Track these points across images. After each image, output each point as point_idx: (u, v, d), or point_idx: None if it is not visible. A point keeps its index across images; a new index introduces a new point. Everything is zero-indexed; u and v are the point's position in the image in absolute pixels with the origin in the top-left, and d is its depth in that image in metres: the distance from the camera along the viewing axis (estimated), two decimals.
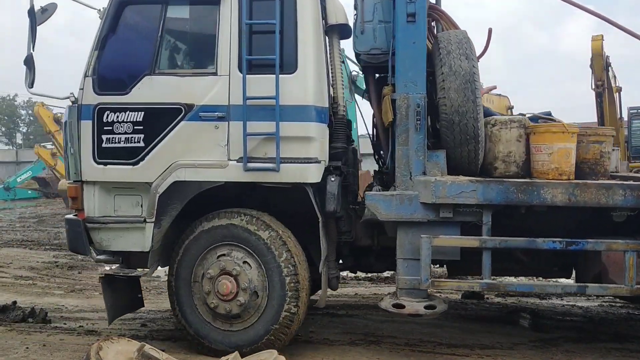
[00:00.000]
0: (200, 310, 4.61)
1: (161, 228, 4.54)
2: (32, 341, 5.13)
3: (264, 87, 4.39)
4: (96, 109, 4.59)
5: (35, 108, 25.82)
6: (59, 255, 10.82)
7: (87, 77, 4.66)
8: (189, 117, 4.50)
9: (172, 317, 6.00)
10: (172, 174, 4.48)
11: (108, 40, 4.67)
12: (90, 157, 4.61)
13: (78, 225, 4.66)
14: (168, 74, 4.63)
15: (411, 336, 5.23)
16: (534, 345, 5.06)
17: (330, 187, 4.54)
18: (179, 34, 4.87)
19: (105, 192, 4.68)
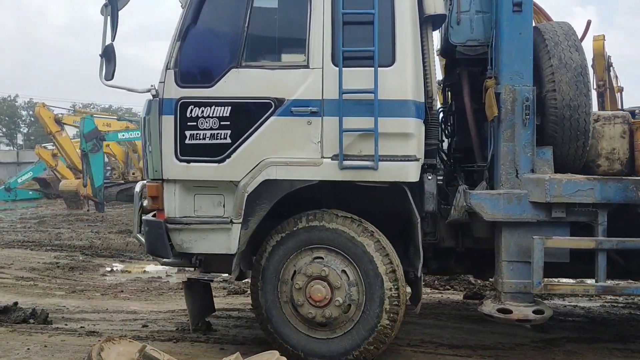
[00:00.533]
0: (286, 313, 4.43)
1: (248, 229, 4.32)
2: (34, 342, 5.12)
3: (359, 81, 4.18)
4: (179, 103, 4.34)
5: (36, 109, 25.83)
6: (60, 256, 10.81)
7: (168, 70, 4.40)
8: (279, 112, 4.26)
9: (174, 318, 6.05)
10: (263, 172, 4.24)
11: (191, 31, 4.41)
12: (172, 154, 4.36)
13: (160, 227, 4.41)
14: (256, 67, 4.38)
15: (413, 336, 5.22)
16: (535, 345, 5.06)
17: (428, 186, 4.37)
18: (266, 25, 4.53)
19: (186, 191, 4.44)
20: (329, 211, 4.38)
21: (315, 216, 4.36)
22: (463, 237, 4.76)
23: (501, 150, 4.36)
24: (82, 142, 22.00)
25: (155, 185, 4.48)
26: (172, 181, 4.42)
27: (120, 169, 30.84)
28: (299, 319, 4.40)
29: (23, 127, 64.51)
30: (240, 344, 5.04)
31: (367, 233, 4.29)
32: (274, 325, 4.45)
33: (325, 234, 4.32)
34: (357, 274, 4.28)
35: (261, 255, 4.45)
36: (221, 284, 7.99)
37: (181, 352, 4.75)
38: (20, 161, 47.45)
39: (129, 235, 13.78)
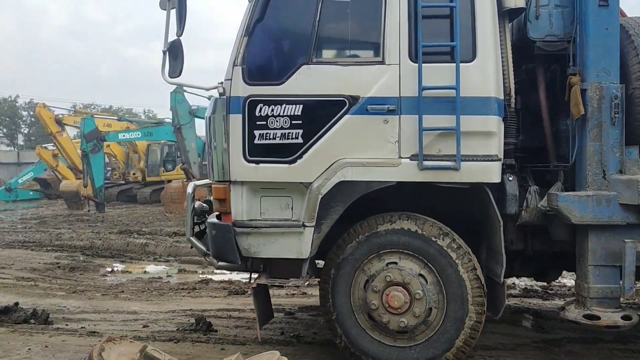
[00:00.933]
0: (359, 320, 4.27)
1: (320, 233, 4.17)
2: (34, 342, 5.13)
3: (437, 78, 4.02)
4: (247, 102, 4.15)
5: (37, 109, 25.86)
6: (60, 257, 10.81)
7: (235, 66, 4.20)
8: (354, 111, 4.08)
9: (174, 318, 6.05)
10: (338, 174, 4.07)
11: (259, 26, 4.21)
12: (241, 155, 4.17)
13: (228, 230, 4.22)
14: (328, 63, 4.21)
15: None
16: (536, 346, 5.05)
17: (510, 188, 4.18)
18: (338, 19, 4.32)
19: (252, 193, 4.24)
20: (404, 214, 4.22)
21: (389, 219, 4.21)
22: (532, 240, 4.56)
23: (587, 150, 4.16)
24: (83, 143, 22.02)
25: (222, 187, 4.30)
26: (239, 183, 4.23)
27: (120, 170, 30.87)
28: (375, 328, 4.24)
29: (24, 128, 64.56)
30: (240, 344, 5.05)
31: (444, 235, 4.15)
32: (348, 336, 4.27)
33: (401, 237, 4.16)
34: (436, 277, 4.14)
35: (332, 261, 4.29)
36: (221, 284, 8.01)
37: (182, 353, 4.75)
38: (20, 162, 47.50)
39: (129, 236, 13.79)
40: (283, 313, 6.14)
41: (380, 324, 4.18)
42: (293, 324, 5.74)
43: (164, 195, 21.31)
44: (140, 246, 11.67)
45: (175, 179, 23.26)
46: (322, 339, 5.17)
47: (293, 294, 7.27)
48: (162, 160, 29.03)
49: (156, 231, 14.61)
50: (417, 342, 4.20)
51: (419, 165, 4.04)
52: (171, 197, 20.69)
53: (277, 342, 5.12)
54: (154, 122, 31.50)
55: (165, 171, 28.26)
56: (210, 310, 6.32)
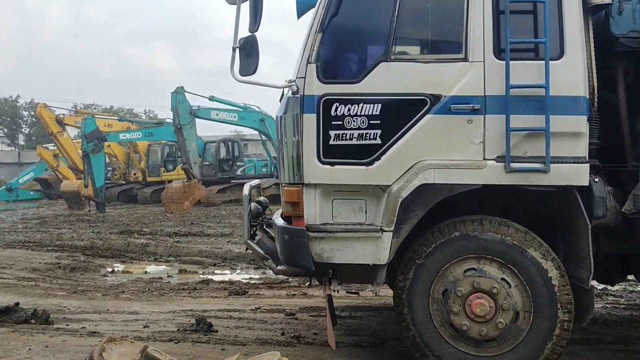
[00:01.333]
0: (440, 330, 4.04)
1: (399, 238, 3.98)
2: (35, 342, 5.12)
3: (523, 76, 3.87)
4: (322, 101, 3.97)
5: (38, 109, 25.92)
6: (61, 257, 10.82)
7: (309, 64, 4.01)
8: (436, 110, 3.91)
9: (175, 318, 6.04)
10: (419, 176, 3.89)
11: (334, 21, 4.02)
12: (315, 157, 3.99)
13: (302, 235, 4.01)
14: (407, 60, 4.05)
15: None
16: None
17: (597, 190, 3.98)
18: (418, 14, 4.13)
19: (325, 196, 4.06)
20: (485, 218, 4.05)
21: (471, 223, 4.02)
22: (604, 243, 4.42)
23: None
24: (84, 143, 22.04)
25: (296, 190, 4.09)
26: (312, 185, 4.04)
27: (121, 170, 30.92)
28: (458, 338, 4.03)
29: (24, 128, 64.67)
30: (241, 345, 5.04)
31: (531, 240, 3.97)
32: (432, 349, 4.04)
33: (484, 242, 3.97)
34: (522, 283, 3.96)
35: (407, 269, 4.08)
36: (222, 285, 8.00)
37: (182, 353, 4.74)
38: (21, 162, 47.61)
39: (130, 236, 13.80)
40: (284, 313, 6.13)
41: (463, 333, 3.98)
42: (294, 325, 5.74)
43: (165, 195, 21.33)
44: (141, 246, 11.68)
45: (176, 179, 23.26)
46: (323, 340, 5.16)
47: (294, 294, 7.27)
48: (163, 160, 29.08)
49: (157, 231, 14.62)
50: (503, 350, 4.00)
51: (506, 167, 3.86)
52: (172, 198, 20.70)
53: (277, 342, 5.11)
54: (154, 122, 31.54)
55: (165, 171, 28.30)
56: (211, 311, 6.31)
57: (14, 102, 62.17)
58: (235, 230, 14.76)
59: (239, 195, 24.60)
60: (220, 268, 9.69)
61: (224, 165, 27.11)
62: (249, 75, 4.06)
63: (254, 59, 3.99)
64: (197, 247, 11.59)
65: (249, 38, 3.99)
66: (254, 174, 27.47)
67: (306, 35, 4.13)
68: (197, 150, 21.53)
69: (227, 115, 22.72)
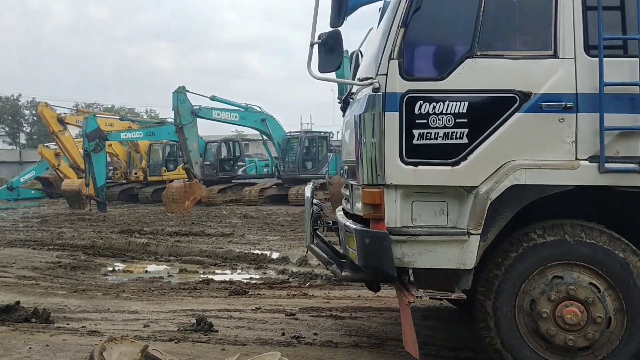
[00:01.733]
0: (526, 338, 3.87)
1: (486, 241, 3.82)
2: (35, 341, 5.12)
3: (613, 73, 3.75)
4: (405, 98, 3.81)
5: (39, 108, 25.98)
6: (62, 256, 10.83)
7: (391, 60, 3.84)
8: (525, 108, 3.78)
9: (175, 318, 6.04)
10: (510, 177, 3.74)
11: (417, 16, 3.85)
12: (397, 157, 3.82)
13: (385, 239, 3.82)
14: (494, 56, 3.87)
15: None
16: None
17: None
18: (504, 8, 3.96)
19: (405, 197, 3.90)
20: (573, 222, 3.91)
21: (558, 228, 3.87)
22: None
23: None
24: (85, 142, 22.08)
25: (377, 192, 3.89)
26: (392, 186, 3.87)
27: (122, 169, 30.96)
28: (549, 349, 3.86)
29: (26, 127, 64.75)
30: (241, 345, 5.04)
31: (618, 242, 3.84)
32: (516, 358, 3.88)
33: (572, 247, 3.83)
34: (610, 285, 3.82)
35: (492, 275, 3.91)
36: (222, 285, 8.00)
37: (183, 353, 4.74)
38: (22, 160, 47.66)
39: (130, 235, 13.81)
40: (284, 314, 6.13)
41: (551, 343, 3.82)
42: (294, 325, 5.74)
43: (166, 195, 21.34)
44: (142, 246, 11.68)
45: (177, 179, 23.29)
46: (323, 340, 5.16)
47: (294, 294, 7.26)
48: (164, 160, 29.14)
49: (157, 231, 14.63)
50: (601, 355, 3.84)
51: (600, 167, 3.72)
52: (172, 197, 20.73)
53: (277, 342, 5.11)
54: (156, 121, 31.56)
55: (166, 171, 28.35)
56: (211, 311, 6.31)
57: (16, 100, 62.27)
58: (235, 230, 14.78)
59: (240, 195, 24.91)
60: (221, 268, 9.69)
61: (225, 165, 27.15)
62: (330, 72, 3.97)
63: (337, 55, 3.89)
64: (198, 246, 11.60)
65: (332, 33, 3.87)
66: (254, 174, 27.54)
67: (384, 31, 3.99)
68: (198, 149, 21.56)
69: (228, 115, 22.77)
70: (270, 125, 24.17)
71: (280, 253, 10.76)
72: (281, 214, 19.14)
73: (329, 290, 7.51)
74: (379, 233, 3.88)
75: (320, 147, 25.99)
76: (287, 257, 10.19)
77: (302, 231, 14.55)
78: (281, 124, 25.17)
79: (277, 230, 14.79)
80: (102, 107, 62.17)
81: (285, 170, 25.05)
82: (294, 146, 25.08)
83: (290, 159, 25.07)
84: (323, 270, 8.91)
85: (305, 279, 8.30)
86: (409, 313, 3.95)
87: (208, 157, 26.78)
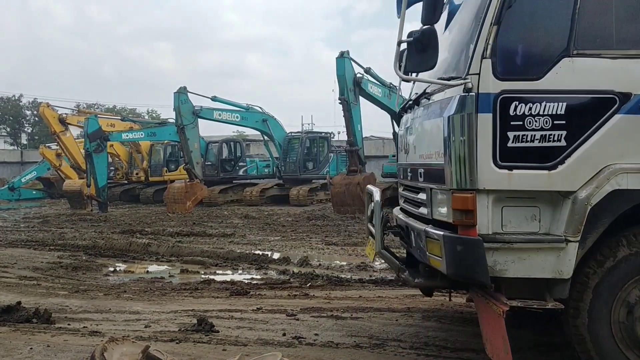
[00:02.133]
0: (623, 349, 3.72)
1: (584, 249, 3.68)
2: (36, 342, 5.13)
3: None
4: (499, 99, 3.66)
5: (41, 108, 26.00)
6: (63, 256, 10.85)
7: (484, 59, 3.69)
8: (626, 110, 3.62)
9: (176, 318, 6.04)
10: (611, 181, 3.58)
11: (511, 13, 3.71)
12: (490, 160, 3.66)
13: (479, 246, 3.63)
14: (592, 56, 3.71)
15: (416, 339, 5.21)
16: (539, 349, 5.03)
17: None
18: (601, 5, 3.82)
19: (496, 203, 3.73)
20: None
21: None
22: None
23: None
24: (86, 142, 22.13)
25: (470, 197, 3.71)
26: (484, 191, 3.71)
27: (123, 169, 31.00)
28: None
29: (27, 127, 64.82)
30: (242, 345, 5.04)
31: None
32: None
33: None
34: None
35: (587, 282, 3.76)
36: (224, 285, 8.01)
37: (184, 353, 4.74)
38: (24, 161, 47.69)
39: (132, 236, 13.82)
40: (285, 314, 6.13)
41: None
42: (295, 325, 5.74)
43: (167, 195, 21.37)
44: (143, 246, 11.70)
45: (178, 179, 23.31)
46: (324, 341, 5.16)
47: (295, 295, 7.26)
48: (165, 160, 29.18)
49: (159, 231, 14.64)
50: None
51: None
52: (173, 197, 20.76)
53: (278, 343, 5.11)
54: (157, 122, 31.59)
55: (168, 171, 28.38)
56: (213, 311, 6.32)
57: (17, 101, 62.33)
58: (236, 230, 14.78)
59: (241, 195, 24.93)
60: (222, 268, 9.70)
61: (226, 165, 27.18)
62: (423, 72, 3.85)
63: (431, 53, 3.75)
64: (199, 247, 11.61)
65: (426, 30, 3.73)
66: (256, 175, 27.56)
67: (472, 29, 3.85)
68: (199, 150, 21.58)
69: (230, 116, 22.80)
70: (271, 125, 24.20)
71: (281, 253, 10.77)
72: (282, 214, 19.14)
73: (330, 290, 7.51)
74: (473, 240, 3.68)
75: (321, 147, 26.04)
76: (288, 257, 10.20)
77: (303, 232, 14.63)
78: (282, 125, 25.22)
79: (278, 230, 14.80)
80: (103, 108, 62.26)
81: (286, 171, 25.09)
82: (295, 146, 25.12)
83: (291, 159, 25.12)
84: (324, 271, 8.92)
85: (306, 279, 8.30)
86: (503, 324, 3.63)
87: (209, 157, 26.81)
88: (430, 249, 4.03)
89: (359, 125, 18.92)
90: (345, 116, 18.60)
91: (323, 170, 25.14)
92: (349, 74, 18.34)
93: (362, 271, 8.95)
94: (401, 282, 4.47)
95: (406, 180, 4.86)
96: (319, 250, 11.42)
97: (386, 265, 9.31)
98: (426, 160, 4.30)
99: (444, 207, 3.93)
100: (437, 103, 4.10)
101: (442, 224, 3.94)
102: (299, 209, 20.94)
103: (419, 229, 4.21)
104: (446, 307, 6.45)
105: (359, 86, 18.74)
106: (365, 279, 8.17)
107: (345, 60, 18.25)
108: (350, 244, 11.87)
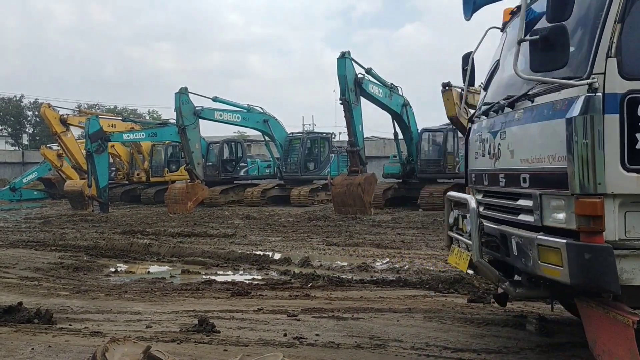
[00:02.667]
0: None
1: None
2: (38, 342, 5.13)
3: None
4: (626, 99, 3.53)
5: (42, 109, 26.02)
6: (64, 256, 10.86)
7: (609, 58, 3.58)
8: None
9: (177, 319, 6.04)
10: None
11: (635, 10, 3.58)
12: (618, 163, 3.53)
13: (609, 254, 3.48)
14: None
15: (417, 340, 5.21)
16: (540, 349, 5.03)
17: None
18: None
19: (621, 207, 3.61)
20: None
21: None
22: None
23: None
24: (87, 143, 22.15)
25: (599, 202, 3.57)
26: (611, 196, 3.57)
27: (124, 170, 31.03)
28: None
29: (28, 128, 64.84)
30: (243, 346, 5.04)
31: None
32: None
33: None
34: None
35: None
36: (225, 285, 8.01)
37: (185, 354, 4.74)
38: (25, 161, 47.74)
39: (133, 236, 13.83)
40: (286, 315, 6.13)
41: None
42: (296, 326, 5.74)
43: (168, 195, 21.38)
44: (144, 246, 11.71)
45: (179, 180, 23.34)
46: (325, 341, 5.16)
47: (296, 295, 7.27)
48: (166, 160, 29.20)
49: (160, 232, 14.66)
50: None
51: None
52: (175, 198, 20.78)
53: (279, 343, 5.11)
54: (158, 122, 31.63)
55: (169, 172, 28.41)
56: (214, 311, 6.32)
57: (18, 101, 62.36)
58: (238, 231, 14.79)
59: (242, 195, 24.95)
60: (223, 269, 9.70)
61: (227, 165, 27.19)
62: (549, 71, 3.73)
63: (561, 52, 3.63)
64: (200, 247, 11.62)
65: (555, 28, 3.62)
66: (257, 175, 27.58)
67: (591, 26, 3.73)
68: (200, 150, 21.62)
69: (231, 116, 22.82)
70: (272, 126, 24.22)
71: (282, 254, 10.77)
72: (283, 214, 19.15)
73: (331, 291, 7.51)
74: (602, 247, 3.52)
75: (322, 148, 26.05)
76: (289, 258, 10.19)
77: (304, 232, 14.64)
78: (283, 125, 25.25)
79: (279, 231, 14.80)
80: (104, 108, 62.33)
81: (287, 171, 25.10)
82: (296, 147, 25.13)
83: (292, 159, 25.13)
84: (325, 271, 8.93)
85: (307, 280, 8.30)
86: (632, 334, 3.46)
87: (210, 158, 26.83)
88: (544, 258, 3.83)
89: (360, 126, 18.94)
90: (346, 116, 18.62)
91: (324, 171, 25.16)
92: (350, 74, 18.36)
93: (363, 272, 8.96)
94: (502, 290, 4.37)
95: (495, 186, 4.68)
96: (320, 250, 11.42)
97: (388, 266, 9.36)
98: (533, 164, 4.11)
99: (561, 213, 3.77)
100: (547, 105, 3.94)
101: (555, 230, 3.79)
102: (300, 209, 20.95)
103: (526, 236, 4.03)
104: (447, 307, 6.45)
105: (360, 86, 18.77)
106: (366, 280, 8.18)
107: (347, 60, 18.28)
108: (352, 245, 11.88)
